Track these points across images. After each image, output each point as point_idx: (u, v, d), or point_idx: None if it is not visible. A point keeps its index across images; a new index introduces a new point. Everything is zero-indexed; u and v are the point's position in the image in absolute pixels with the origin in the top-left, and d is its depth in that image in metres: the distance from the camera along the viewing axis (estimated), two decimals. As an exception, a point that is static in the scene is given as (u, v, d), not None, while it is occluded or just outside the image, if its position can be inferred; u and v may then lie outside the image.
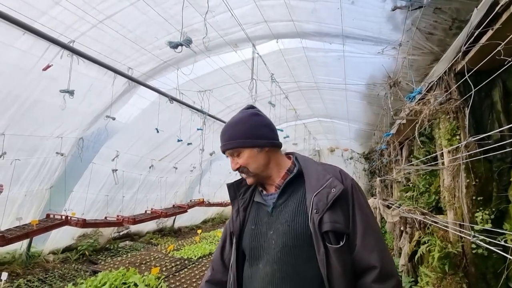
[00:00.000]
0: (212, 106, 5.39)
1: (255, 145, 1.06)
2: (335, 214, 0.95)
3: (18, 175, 3.96)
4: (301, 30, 3.54)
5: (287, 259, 0.97)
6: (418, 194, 3.44)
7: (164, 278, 3.60)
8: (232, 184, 1.17)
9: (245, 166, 1.06)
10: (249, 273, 1.05)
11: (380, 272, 0.92)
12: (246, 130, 1.07)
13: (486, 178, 2.18)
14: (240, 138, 1.06)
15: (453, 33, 2.29)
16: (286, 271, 0.96)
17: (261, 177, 1.10)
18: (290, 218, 1.00)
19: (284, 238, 0.98)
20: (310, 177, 1.04)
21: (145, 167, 6.01)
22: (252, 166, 1.06)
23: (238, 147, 1.07)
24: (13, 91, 3.27)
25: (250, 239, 1.06)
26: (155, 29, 3.43)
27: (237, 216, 1.13)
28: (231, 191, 1.17)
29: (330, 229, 0.92)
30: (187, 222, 8.72)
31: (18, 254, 4.33)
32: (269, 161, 1.09)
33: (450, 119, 2.41)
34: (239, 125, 1.09)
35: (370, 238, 0.96)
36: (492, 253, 2.05)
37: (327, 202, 0.95)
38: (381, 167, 7.07)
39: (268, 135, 1.10)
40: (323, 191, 0.98)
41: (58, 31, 3.06)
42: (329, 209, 0.95)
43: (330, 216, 0.94)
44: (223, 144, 1.10)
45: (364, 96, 4.96)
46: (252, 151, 1.06)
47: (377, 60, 3.45)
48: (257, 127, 1.09)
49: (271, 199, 1.09)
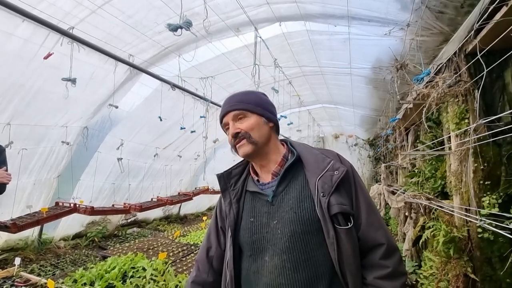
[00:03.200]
0: (215, 93, 5.34)
1: (264, 115, 1.05)
2: (341, 196, 0.95)
3: (26, 164, 4.02)
4: (305, 12, 3.42)
5: (298, 247, 0.93)
6: (424, 180, 3.41)
7: (171, 263, 3.69)
8: (222, 174, 1.10)
9: (247, 131, 1.01)
10: (254, 268, 0.99)
11: (387, 248, 0.94)
12: (256, 100, 1.08)
13: (494, 162, 2.13)
14: (251, 103, 1.05)
15: (465, 11, 2.18)
16: (298, 259, 0.92)
17: (259, 151, 1.03)
18: (295, 204, 0.96)
19: (292, 226, 0.93)
20: (309, 161, 1.01)
21: (150, 155, 6.05)
22: (255, 133, 1.01)
23: (247, 110, 1.04)
24: (17, 80, 3.26)
25: (251, 233, 1.00)
26: (155, 14, 3.35)
27: (230, 209, 1.05)
28: (222, 181, 1.09)
29: (339, 211, 0.92)
30: (192, 209, 8.86)
31: (30, 241, 4.47)
32: (270, 139, 1.06)
33: (459, 102, 2.33)
34: (253, 95, 1.10)
35: (374, 217, 0.98)
36: (498, 237, 2.03)
37: (332, 185, 0.94)
38: (386, 153, 7.00)
39: (275, 114, 1.12)
40: (327, 174, 0.97)
41: (57, 17, 3.00)
42: (334, 191, 0.94)
43: (336, 199, 0.93)
44: (229, 105, 1.05)
45: (370, 81, 4.85)
46: (260, 119, 1.04)
47: (383, 42, 3.34)
48: (267, 102, 1.11)
49: (269, 187, 1.03)
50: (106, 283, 2.93)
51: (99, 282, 2.94)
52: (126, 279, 3.06)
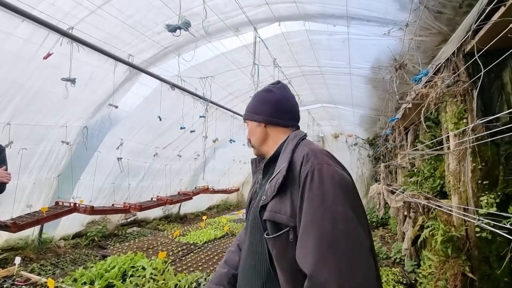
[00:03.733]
0: (214, 93, 5.34)
1: (253, 119, 1.14)
2: (280, 203, 0.88)
3: (26, 164, 4.03)
4: (304, 12, 3.43)
5: (250, 238, 1.05)
6: (423, 179, 3.42)
7: (171, 262, 3.70)
8: (255, 159, 1.26)
9: (248, 137, 1.17)
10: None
11: (310, 281, 0.76)
12: (251, 104, 1.17)
13: (492, 162, 2.14)
14: (246, 110, 1.18)
15: (463, 11, 2.18)
16: (249, 247, 1.04)
17: (260, 151, 1.17)
18: (258, 200, 1.04)
19: (251, 218, 1.06)
20: (280, 161, 1.01)
21: (150, 155, 6.06)
22: (252, 138, 1.16)
23: (245, 119, 1.19)
24: (17, 80, 3.27)
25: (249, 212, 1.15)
26: (154, 14, 3.35)
27: (252, 187, 1.20)
28: (253, 165, 1.26)
29: (267, 218, 0.89)
30: (192, 208, 8.87)
31: (31, 240, 4.48)
32: (267, 137, 1.12)
33: (458, 102, 2.34)
34: (252, 99, 1.19)
35: (308, 237, 0.79)
36: (496, 237, 2.04)
37: (273, 190, 0.91)
38: (386, 152, 7.01)
39: (266, 112, 1.10)
40: (276, 177, 0.93)
41: (57, 17, 3.01)
42: (275, 197, 0.89)
43: (272, 205, 0.90)
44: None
45: (369, 80, 4.85)
46: (252, 124, 1.15)
47: (382, 42, 3.34)
48: (260, 102, 1.14)
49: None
50: (106, 282, 2.94)
51: (99, 281, 2.95)
52: (126, 278, 3.07)
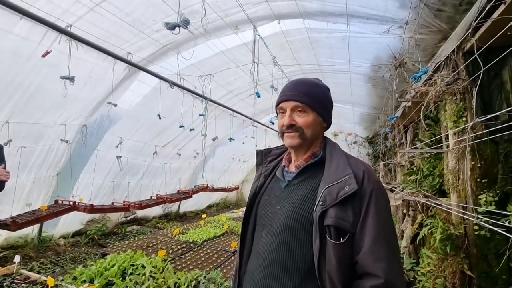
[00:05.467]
0: (214, 91, 5.33)
1: (323, 116, 1.09)
2: (343, 211, 0.93)
3: (25, 162, 4.02)
4: (304, 10, 3.41)
5: (285, 236, 1.01)
6: (422, 178, 3.43)
7: (171, 260, 3.71)
8: (261, 151, 1.24)
9: (301, 127, 1.05)
10: (256, 237, 1.12)
11: (385, 283, 0.88)
12: (321, 97, 1.08)
13: (491, 160, 2.15)
14: (316, 100, 1.06)
15: (463, 9, 2.18)
16: (281, 246, 1.00)
17: (304, 145, 1.08)
18: (298, 201, 1.02)
19: (286, 217, 1.02)
20: (330, 167, 1.01)
21: (149, 153, 6.06)
22: (309, 130, 1.06)
23: (311, 106, 1.05)
24: (15, 78, 3.25)
25: (261, 207, 1.13)
26: (153, 12, 3.33)
27: (256, 180, 1.18)
28: (259, 157, 1.23)
29: (333, 224, 0.91)
30: (192, 207, 8.88)
31: (30, 239, 4.48)
32: (318, 137, 1.11)
33: (457, 100, 2.34)
34: (318, 89, 1.09)
35: (380, 247, 0.91)
36: (495, 235, 2.05)
37: (336, 198, 0.93)
38: (385, 151, 7.02)
39: (331, 113, 1.13)
40: (336, 185, 0.95)
41: (55, 15, 2.99)
42: (336, 205, 0.93)
43: (336, 212, 0.92)
44: (295, 93, 1.06)
45: (369, 79, 4.85)
46: (318, 118, 1.07)
47: (382, 40, 3.33)
48: (330, 102, 1.12)
49: (288, 176, 1.12)
50: (105, 280, 2.95)
51: (98, 279, 2.95)
52: (126, 276, 3.08)
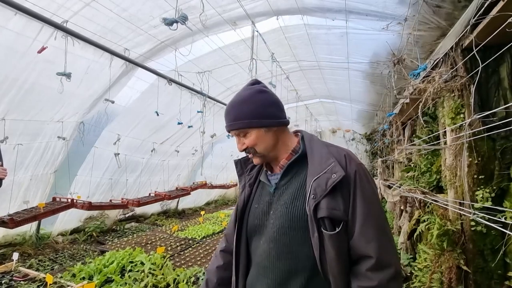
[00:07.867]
0: (212, 87, 5.31)
1: (263, 125, 1.02)
2: (334, 200, 0.93)
3: (22, 159, 4.00)
4: (303, 6, 3.39)
5: (282, 239, 0.99)
6: (419, 174, 3.44)
7: (170, 257, 3.72)
8: (239, 161, 1.19)
9: (252, 147, 1.04)
10: (253, 247, 1.10)
11: (376, 261, 0.90)
12: (252, 110, 1.01)
13: (488, 157, 2.16)
14: (246, 118, 1.01)
15: (462, 5, 2.18)
16: (281, 250, 0.99)
17: (268, 158, 1.08)
18: (289, 200, 1.01)
19: (281, 220, 1.00)
20: (313, 160, 1.00)
21: (147, 150, 6.04)
22: (259, 147, 1.04)
23: (245, 128, 1.02)
24: (10, 74, 3.22)
25: (253, 217, 1.09)
26: (150, 7, 3.30)
27: (242, 192, 1.15)
28: (238, 167, 1.19)
29: (326, 215, 0.91)
30: (190, 204, 8.89)
31: (28, 236, 4.47)
32: (277, 141, 1.06)
33: (455, 97, 2.35)
34: (245, 104, 1.03)
35: (369, 228, 0.92)
36: (491, 230, 2.08)
37: (325, 188, 0.93)
38: (383, 147, 7.05)
39: (275, 114, 1.05)
40: (323, 176, 0.95)
41: (51, 10, 2.95)
42: (327, 195, 0.92)
43: (328, 203, 0.92)
44: (228, 124, 1.05)
45: (367, 75, 4.84)
46: (260, 132, 1.02)
47: (381, 36, 3.32)
48: (264, 106, 1.03)
49: (274, 179, 1.08)
50: (104, 277, 2.95)
51: (97, 276, 2.96)
52: (125, 273, 3.09)
